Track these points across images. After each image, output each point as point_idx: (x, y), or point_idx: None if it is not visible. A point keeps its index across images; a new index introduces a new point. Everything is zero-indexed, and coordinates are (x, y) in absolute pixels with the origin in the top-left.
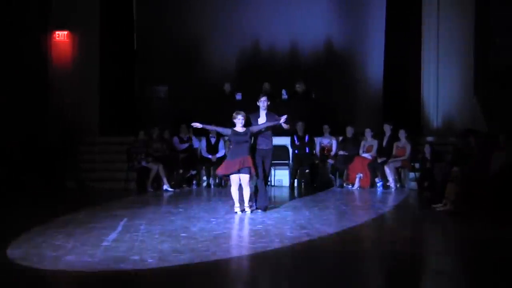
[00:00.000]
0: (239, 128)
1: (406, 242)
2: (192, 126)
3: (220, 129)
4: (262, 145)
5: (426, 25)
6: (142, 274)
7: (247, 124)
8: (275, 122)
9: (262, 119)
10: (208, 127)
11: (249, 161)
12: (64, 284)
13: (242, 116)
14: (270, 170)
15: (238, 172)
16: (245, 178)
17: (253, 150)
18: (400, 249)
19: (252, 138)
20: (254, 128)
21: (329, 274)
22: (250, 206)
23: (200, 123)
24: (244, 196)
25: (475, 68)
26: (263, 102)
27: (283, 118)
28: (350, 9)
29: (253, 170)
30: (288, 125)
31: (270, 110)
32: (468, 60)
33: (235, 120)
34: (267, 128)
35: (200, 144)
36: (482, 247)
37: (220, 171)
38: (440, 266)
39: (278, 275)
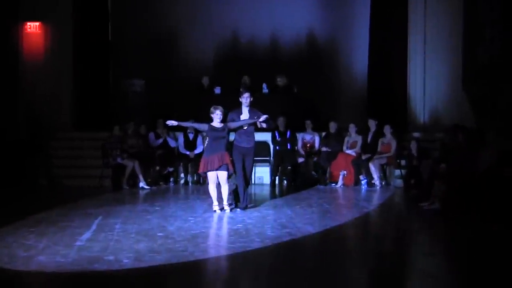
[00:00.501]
0: (217, 123)
1: (391, 242)
2: (168, 124)
3: (196, 125)
4: (243, 142)
5: (413, 21)
6: (117, 275)
7: (225, 120)
8: (253, 120)
9: (244, 115)
10: (184, 124)
11: (226, 158)
12: (36, 286)
13: (220, 111)
14: (252, 169)
15: (217, 169)
16: (223, 175)
17: (231, 147)
18: (385, 249)
19: (230, 135)
20: (231, 125)
21: (311, 275)
22: (230, 205)
23: (176, 120)
24: (222, 194)
25: (463, 63)
26: (246, 98)
27: (262, 118)
28: (334, 1)
29: (230, 167)
30: (267, 124)
31: (253, 106)
32: (456, 55)
33: (212, 115)
34: (248, 125)
35: (178, 140)
36: (470, 247)
37: (201, 169)
38: (426, 266)
39: (259, 276)
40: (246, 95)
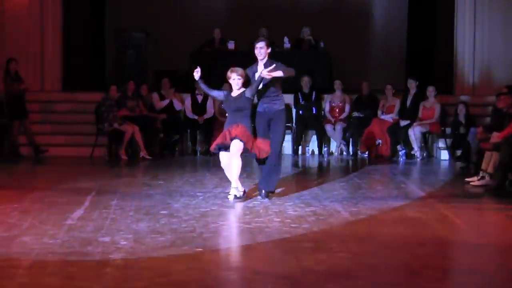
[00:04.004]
0: (235, 90)
1: (435, 228)
2: (195, 73)
3: (214, 93)
4: (265, 104)
5: None
6: (113, 258)
7: (247, 84)
8: (262, 76)
9: (259, 73)
10: (203, 86)
11: (239, 129)
12: (19, 271)
13: (237, 75)
14: (281, 140)
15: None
16: (234, 146)
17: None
18: (425, 237)
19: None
20: (247, 92)
21: (339, 267)
22: (242, 193)
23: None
24: (231, 173)
25: None
26: (259, 50)
27: (268, 68)
28: None
29: (247, 142)
30: (283, 73)
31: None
32: None
33: (229, 81)
34: (270, 85)
35: (184, 103)
36: None
37: (212, 146)
38: (475, 266)
39: (277, 261)
40: (260, 45)
